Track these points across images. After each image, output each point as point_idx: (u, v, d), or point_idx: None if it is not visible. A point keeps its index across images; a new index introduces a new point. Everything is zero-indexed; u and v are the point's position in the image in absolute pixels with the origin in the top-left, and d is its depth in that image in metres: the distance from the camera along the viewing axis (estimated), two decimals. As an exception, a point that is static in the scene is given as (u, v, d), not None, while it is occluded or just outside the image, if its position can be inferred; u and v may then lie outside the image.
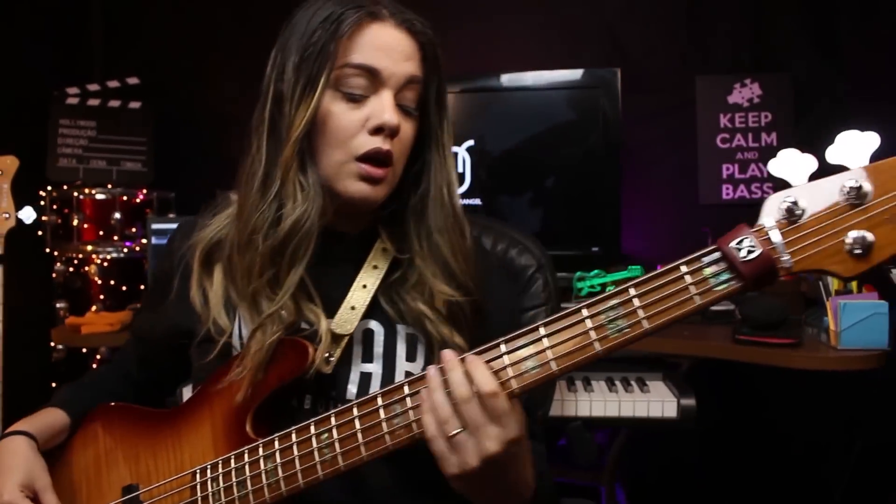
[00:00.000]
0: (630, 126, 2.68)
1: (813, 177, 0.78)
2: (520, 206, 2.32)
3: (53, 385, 2.45)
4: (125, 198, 2.55)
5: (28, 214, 2.07)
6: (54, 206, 2.50)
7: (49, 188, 2.51)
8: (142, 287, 2.47)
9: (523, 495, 0.90)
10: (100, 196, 2.53)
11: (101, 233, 2.53)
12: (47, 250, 2.50)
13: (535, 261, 1.41)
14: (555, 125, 2.29)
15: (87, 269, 2.51)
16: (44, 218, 2.47)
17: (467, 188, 2.33)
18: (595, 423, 1.67)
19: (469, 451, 0.81)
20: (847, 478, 1.89)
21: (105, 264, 2.51)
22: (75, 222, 2.49)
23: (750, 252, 0.75)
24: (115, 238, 2.52)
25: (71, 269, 2.51)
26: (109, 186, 2.56)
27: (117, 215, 2.52)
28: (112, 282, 2.51)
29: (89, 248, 2.51)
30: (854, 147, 0.79)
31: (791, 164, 0.78)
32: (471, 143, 2.32)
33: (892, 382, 1.77)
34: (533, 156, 2.30)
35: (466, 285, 1.03)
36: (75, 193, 2.50)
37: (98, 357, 2.41)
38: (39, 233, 2.46)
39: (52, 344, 2.32)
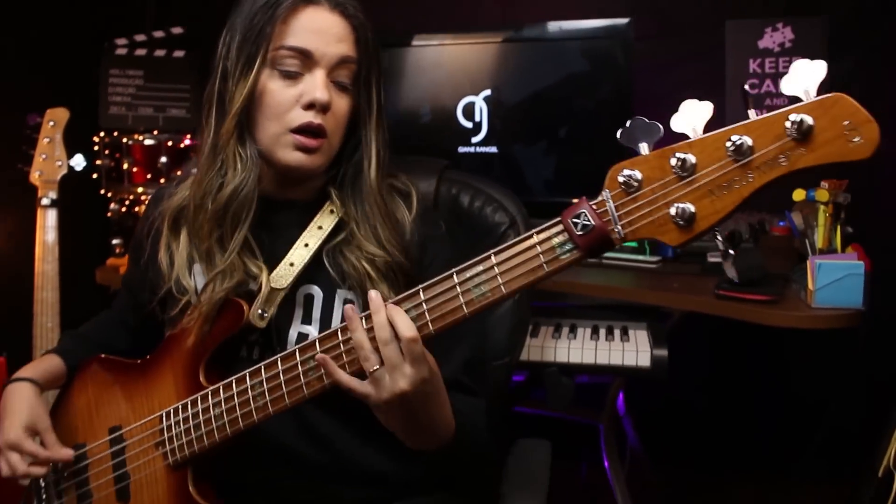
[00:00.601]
0: (656, 72, 2.70)
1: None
2: (534, 155, 2.38)
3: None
4: (171, 142, 2.73)
5: (79, 161, 2.25)
6: (106, 151, 2.70)
7: (102, 134, 2.71)
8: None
9: (440, 437, 1.03)
10: (148, 141, 2.72)
11: (149, 175, 2.73)
12: (102, 192, 2.72)
13: (507, 218, 1.50)
14: (569, 75, 2.32)
15: (137, 209, 2.73)
16: (98, 162, 2.67)
17: (483, 137, 2.41)
18: (573, 370, 1.78)
19: (386, 387, 0.93)
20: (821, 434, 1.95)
21: (153, 205, 2.73)
22: (126, 166, 2.70)
23: (585, 226, 0.84)
24: (162, 180, 2.71)
25: (123, 209, 2.73)
26: (156, 132, 2.74)
27: (164, 159, 2.71)
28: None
29: (139, 189, 2.72)
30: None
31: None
32: (487, 92, 2.38)
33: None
34: (547, 105, 2.35)
35: (393, 251, 1.14)
36: (125, 139, 2.70)
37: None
38: (94, 175, 2.67)
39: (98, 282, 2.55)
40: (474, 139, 2.42)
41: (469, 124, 2.41)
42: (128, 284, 1.39)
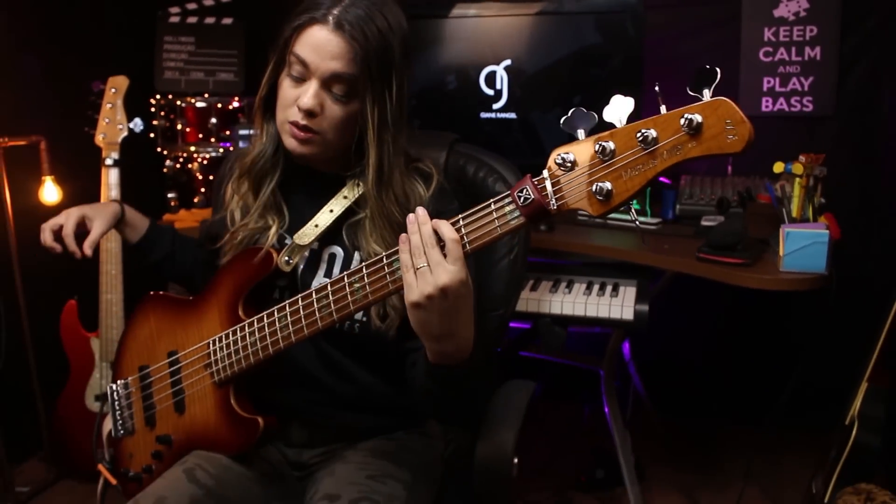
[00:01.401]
0: (672, 41, 2.82)
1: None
2: (550, 121, 2.56)
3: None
4: (220, 105, 2.97)
5: (137, 124, 2.47)
6: (162, 113, 2.96)
7: (157, 98, 2.96)
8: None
9: (460, 350, 1.14)
10: (199, 104, 2.97)
11: (200, 135, 3.00)
12: (158, 150, 2.98)
13: (506, 188, 1.68)
14: (583, 47, 2.49)
15: (190, 166, 3.00)
16: (154, 122, 2.93)
17: (504, 103, 2.59)
18: (565, 321, 2.00)
19: (428, 280, 1.04)
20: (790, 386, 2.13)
21: (205, 162, 2.99)
22: (179, 126, 2.96)
23: (526, 199, 1.01)
24: (213, 140, 2.98)
25: (178, 166, 3.00)
26: (206, 95, 2.98)
27: (214, 120, 2.96)
28: (210, 177, 2.99)
29: (192, 148, 2.98)
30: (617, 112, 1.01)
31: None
32: (508, 62, 2.56)
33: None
34: (563, 75, 2.53)
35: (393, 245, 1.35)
36: (178, 102, 2.95)
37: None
38: (152, 135, 2.92)
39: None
40: (495, 105, 2.61)
41: (491, 92, 2.60)
42: (206, 223, 1.64)
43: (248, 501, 1.37)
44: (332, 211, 1.39)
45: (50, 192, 2.54)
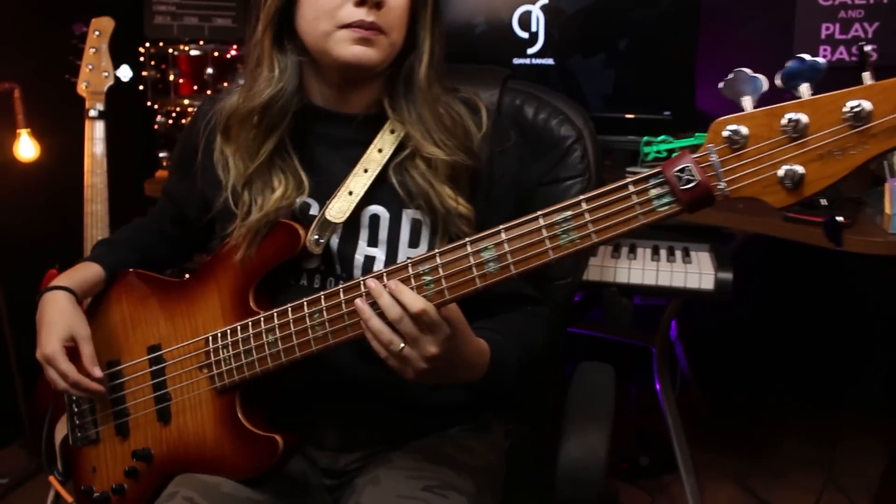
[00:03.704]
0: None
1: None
2: (592, 67, 2.29)
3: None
4: (216, 53, 2.67)
5: (125, 72, 2.21)
6: (152, 63, 2.66)
7: (147, 45, 2.66)
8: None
9: (479, 367, 1.02)
10: (193, 52, 2.66)
11: (195, 87, 2.69)
12: (148, 103, 2.69)
13: (574, 132, 1.44)
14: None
15: (184, 121, 2.70)
16: (143, 73, 2.63)
17: (540, 48, 2.32)
18: (633, 291, 1.74)
19: (416, 359, 0.91)
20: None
21: (200, 117, 2.69)
22: (171, 77, 2.66)
23: (689, 181, 0.80)
24: (209, 92, 2.67)
25: (170, 122, 2.70)
26: (202, 43, 2.68)
27: (210, 70, 2.66)
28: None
29: (185, 101, 2.68)
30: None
31: (740, 85, 0.81)
32: (545, 0, 2.27)
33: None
34: (607, 15, 2.25)
35: (454, 150, 1.10)
36: (170, 50, 2.65)
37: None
38: (141, 87, 2.63)
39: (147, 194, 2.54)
40: (530, 51, 2.32)
41: (525, 35, 2.32)
42: (171, 195, 1.36)
43: None
44: (366, 171, 1.12)
45: (26, 147, 2.25)
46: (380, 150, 1.12)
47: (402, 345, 0.91)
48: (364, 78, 1.12)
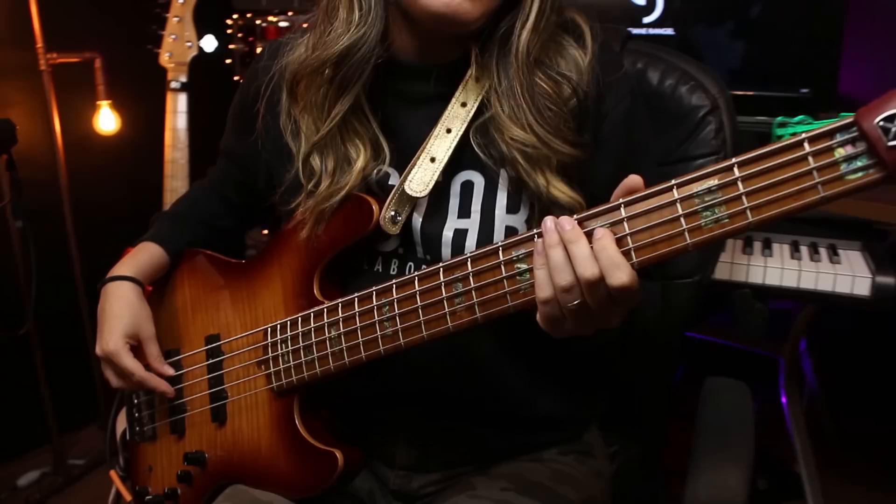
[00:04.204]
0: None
1: None
2: (718, 38, 2.04)
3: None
4: (306, 24, 2.54)
5: (210, 43, 2.14)
6: (240, 35, 2.56)
7: (235, 17, 2.56)
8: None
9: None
10: (282, 24, 2.54)
11: (283, 61, 2.58)
12: (236, 78, 2.58)
13: (708, 101, 1.23)
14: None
15: (272, 97, 2.60)
16: (231, 46, 2.54)
17: (658, 16, 2.08)
18: (769, 293, 1.47)
19: (584, 322, 0.72)
20: None
21: (288, 91, 2.59)
22: (259, 50, 2.55)
23: None
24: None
25: (257, 97, 2.60)
26: (291, 14, 2.56)
27: (299, 43, 2.55)
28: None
29: (273, 75, 2.57)
30: None
31: None
32: (664, -38, 2.04)
33: None
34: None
35: (544, 136, 0.89)
36: (258, 21, 2.53)
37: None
38: (228, 61, 2.53)
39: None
40: (646, 19, 2.09)
41: (641, 1, 2.09)
42: (232, 156, 1.20)
43: None
44: (449, 131, 0.92)
45: (107, 119, 2.19)
46: (463, 104, 0.93)
47: (579, 299, 0.71)
48: (457, 35, 0.92)
